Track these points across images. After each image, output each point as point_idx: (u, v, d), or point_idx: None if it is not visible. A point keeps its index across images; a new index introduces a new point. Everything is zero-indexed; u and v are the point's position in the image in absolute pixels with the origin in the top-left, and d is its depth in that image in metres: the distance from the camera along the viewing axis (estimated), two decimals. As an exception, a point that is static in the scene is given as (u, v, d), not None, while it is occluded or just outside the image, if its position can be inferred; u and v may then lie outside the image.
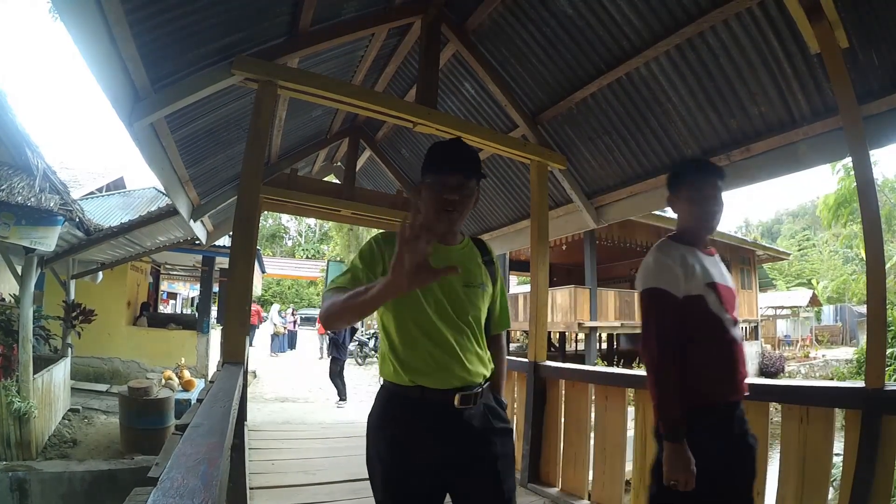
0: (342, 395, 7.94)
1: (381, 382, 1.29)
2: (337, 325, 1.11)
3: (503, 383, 1.44)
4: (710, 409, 1.38)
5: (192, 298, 19.29)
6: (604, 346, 14.55)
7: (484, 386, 1.24)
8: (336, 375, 8.00)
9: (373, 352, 13.55)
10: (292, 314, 17.29)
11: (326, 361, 8.84)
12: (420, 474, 1.16)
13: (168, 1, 2.11)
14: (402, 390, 1.19)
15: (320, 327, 14.40)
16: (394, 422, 1.20)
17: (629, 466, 2.48)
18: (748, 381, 1.47)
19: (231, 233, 3.37)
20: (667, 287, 1.39)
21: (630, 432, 2.50)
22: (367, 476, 1.27)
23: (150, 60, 2.31)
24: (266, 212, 6.12)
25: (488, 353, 1.30)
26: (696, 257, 1.45)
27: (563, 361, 6.09)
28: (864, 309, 2.40)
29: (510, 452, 1.26)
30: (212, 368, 8.26)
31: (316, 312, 18.10)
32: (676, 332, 1.37)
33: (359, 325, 18.17)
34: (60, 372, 6.08)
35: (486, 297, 1.28)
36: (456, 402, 1.16)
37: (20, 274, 5.16)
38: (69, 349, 6.49)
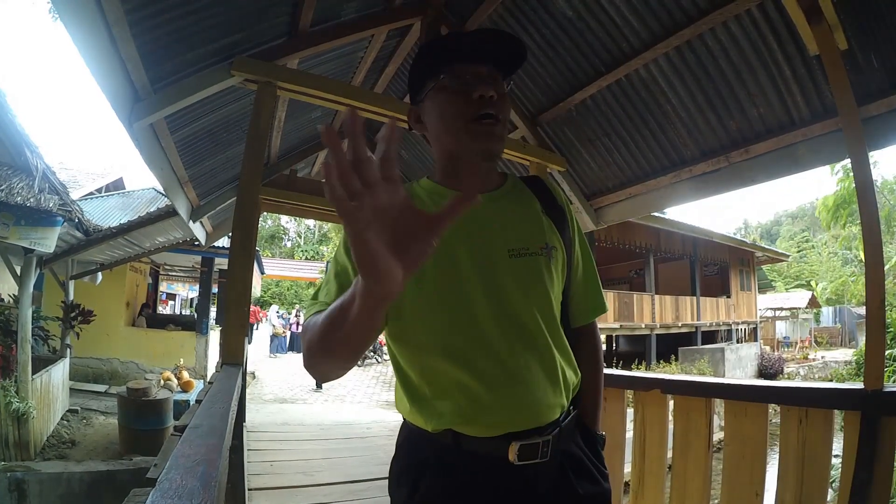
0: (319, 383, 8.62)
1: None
2: (327, 373, 0.66)
3: (601, 406, 0.95)
4: None
5: (191, 299, 19.24)
6: (602, 347, 14.55)
7: (564, 423, 0.78)
8: None
9: (371, 352, 13.48)
10: (296, 315, 16.91)
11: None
12: None
13: (168, 1, 2.11)
14: (427, 434, 0.77)
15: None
16: (412, 476, 0.78)
17: (628, 468, 2.48)
18: (746, 382, 1.47)
19: (230, 234, 3.37)
20: None
21: (629, 433, 2.50)
22: (367, 479, 1.10)
23: (150, 61, 2.31)
24: (265, 213, 6.11)
25: (572, 359, 0.83)
26: None
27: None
28: (863, 310, 2.40)
29: None
30: (211, 369, 8.24)
31: (315, 313, 17.79)
32: None
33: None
34: (59, 372, 6.07)
35: (558, 267, 0.80)
36: (511, 457, 0.72)
37: (19, 274, 5.15)
38: (68, 350, 6.48)
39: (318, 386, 8.88)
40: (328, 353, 0.59)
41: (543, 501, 0.75)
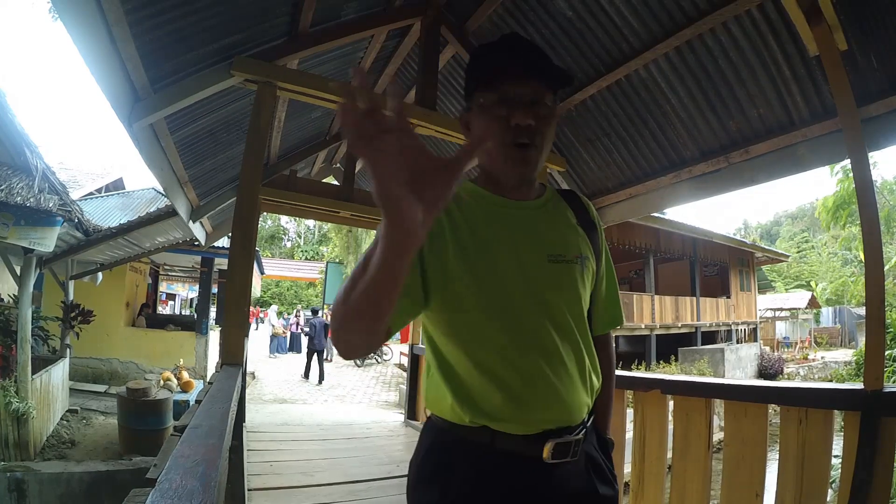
0: (306, 374, 10.23)
1: (427, 415, 0.87)
2: (351, 340, 0.63)
3: (611, 412, 0.96)
4: None
5: (191, 299, 19.24)
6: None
7: (588, 424, 0.82)
8: (308, 357, 10.34)
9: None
10: (296, 315, 16.84)
11: (326, 363, 10.91)
12: None
13: (168, 1, 2.11)
14: (459, 431, 0.78)
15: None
16: (442, 477, 0.78)
17: (627, 468, 2.48)
18: (746, 382, 1.46)
19: (230, 234, 3.38)
20: None
21: (629, 434, 2.50)
22: (368, 479, 1.11)
23: (150, 61, 2.31)
24: (265, 213, 6.11)
25: (596, 363, 0.86)
26: None
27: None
28: (862, 311, 2.40)
29: None
30: (210, 369, 8.23)
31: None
32: None
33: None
34: (59, 372, 6.07)
35: (589, 277, 0.85)
36: (545, 455, 0.75)
37: (19, 274, 5.16)
38: (68, 350, 6.49)
39: (306, 375, 10.06)
40: (351, 312, 0.57)
41: (571, 501, 0.78)
